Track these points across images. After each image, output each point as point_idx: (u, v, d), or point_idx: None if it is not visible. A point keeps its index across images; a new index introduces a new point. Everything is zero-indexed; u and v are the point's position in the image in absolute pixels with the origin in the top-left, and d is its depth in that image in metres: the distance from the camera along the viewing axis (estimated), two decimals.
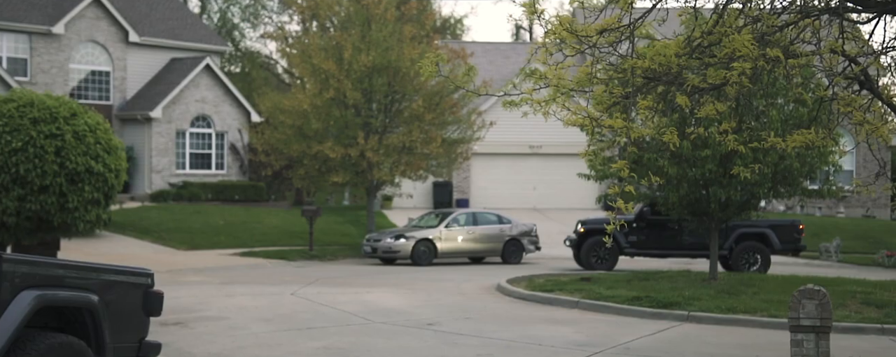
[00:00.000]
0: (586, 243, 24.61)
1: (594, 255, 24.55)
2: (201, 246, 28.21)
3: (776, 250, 24.55)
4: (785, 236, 24.64)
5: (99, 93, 36.53)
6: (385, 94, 29.43)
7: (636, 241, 24.49)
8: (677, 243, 24.13)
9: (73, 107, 14.87)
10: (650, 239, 24.41)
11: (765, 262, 24.12)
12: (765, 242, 24.38)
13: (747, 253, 24.10)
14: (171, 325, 13.80)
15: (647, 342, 13.38)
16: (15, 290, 7.06)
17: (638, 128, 8.47)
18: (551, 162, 41.55)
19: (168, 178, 36.57)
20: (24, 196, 14.16)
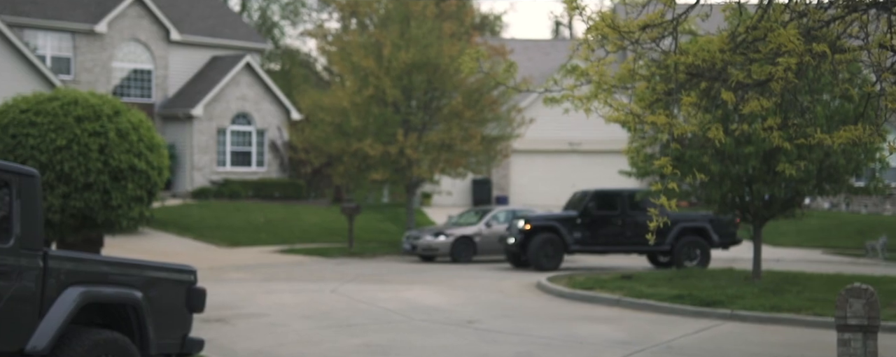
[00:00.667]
0: (536, 241, 23.49)
1: (544, 254, 23.52)
2: (242, 243, 28.41)
3: (714, 244, 24.28)
4: (721, 230, 24.33)
5: (141, 91, 36.89)
6: (424, 92, 29.45)
7: (581, 238, 23.84)
8: (621, 239, 23.90)
9: (116, 105, 15.01)
10: (594, 235, 23.91)
11: (705, 256, 23.97)
12: (704, 236, 24.16)
13: (688, 247, 23.94)
14: (212, 321, 13.90)
15: (689, 341, 13.25)
16: (60, 287, 7.14)
17: (681, 124, 8.37)
18: (591, 159, 41.33)
19: (209, 175, 36.85)
20: (68, 193, 14.32)
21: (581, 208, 24.07)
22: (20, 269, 6.89)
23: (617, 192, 24.69)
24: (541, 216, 24.50)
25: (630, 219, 23.93)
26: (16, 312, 6.84)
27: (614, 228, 23.97)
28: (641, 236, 23.25)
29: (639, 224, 23.63)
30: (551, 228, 23.61)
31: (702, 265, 23.61)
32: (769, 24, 7.78)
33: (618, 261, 25.90)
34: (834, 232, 33.47)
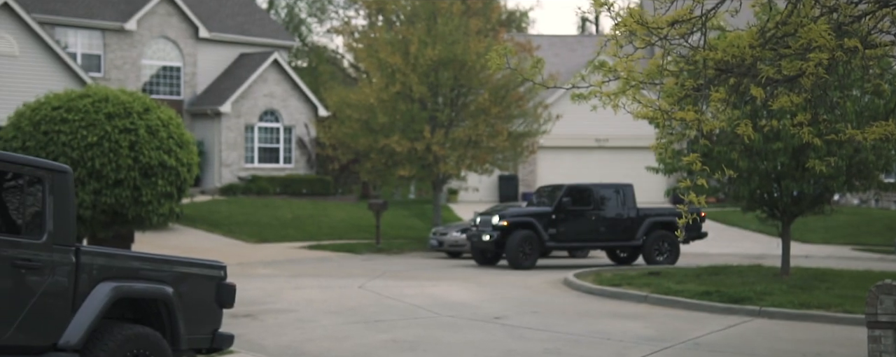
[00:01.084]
0: (514, 238, 22.52)
1: (521, 251, 22.53)
2: (270, 239, 28.56)
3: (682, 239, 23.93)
4: (689, 224, 24.01)
5: (170, 88, 37.14)
6: (451, 88, 29.46)
7: (556, 234, 22.98)
8: (596, 234, 23.29)
9: (146, 102, 15.13)
10: (569, 231, 23.08)
11: (675, 251, 23.63)
12: (673, 231, 23.46)
13: (658, 242, 23.54)
14: (241, 316, 13.99)
15: (717, 337, 13.19)
16: (93, 282, 7.22)
17: (710, 120, 8.34)
18: (618, 155, 41.21)
19: (237, 172, 37.06)
20: (99, 190, 14.45)
21: (555, 203, 23.15)
22: (53, 265, 6.97)
23: (589, 187, 23.97)
24: (517, 212, 23.49)
25: (603, 213, 23.35)
26: (49, 307, 6.92)
27: (588, 224, 23.21)
28: (615, 231, 23.06)
29: (611, 219, 23.31)
30: (528, 225, 22.73)
31: (671, 261, 23.28)
32: (799, 20, 7.74)
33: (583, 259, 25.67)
34: (863, 228, 33.18)
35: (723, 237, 31.26)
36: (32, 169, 7.05)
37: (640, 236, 23.45)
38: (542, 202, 23.77)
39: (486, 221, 23.18)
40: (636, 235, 23.44)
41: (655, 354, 11.98)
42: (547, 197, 23.90)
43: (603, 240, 23.56)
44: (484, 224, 23.29)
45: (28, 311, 6.79)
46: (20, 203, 7.01)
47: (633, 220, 23.52)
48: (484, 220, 23.48)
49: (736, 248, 28.89)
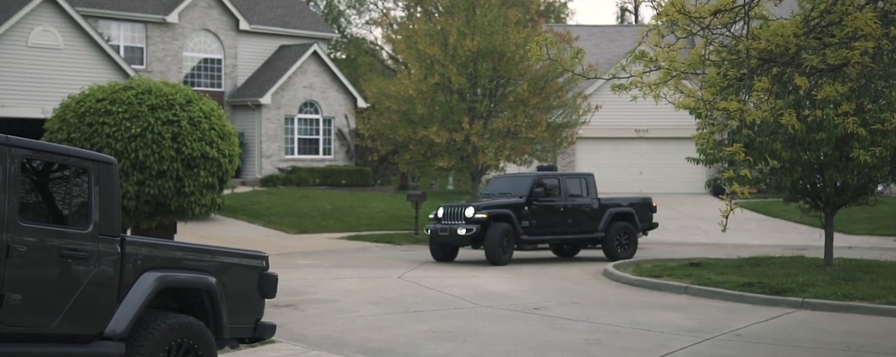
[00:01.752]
0: (496, 231, 20.81)
1: (501, 246, 20.92)
2: (310, 229, 28.73)
3: (638, 229, 22.89)
4: (643, 214, 23.09)
5: (211, 80, 37.44)
6: (490, 79, 29.44)
7: (528, 227, 21.51)
8: (564, 227, 22.04)
9: (188, 94, 15.25)
10: (541, 223, 21.69)
11: (633, 243, 22.65)
12: (631, 222, 22.80)
13: (619, 234, 22.48)
14: (282, 306, 14.10)
15: (759, 329, 13.10)
16: (137, 272, 7.31)
17: (752, 110, 8.27)
18: (657, 146, 40.96)
19: (277, 163, 37.30)
20: (142, 181, 14.60)
21: (527, 194, 21.59)
22: (99, 255, 7.07)
23: (557, 176, 22.71)
24: (492, 204, 21.41)
25: (571, 204, 22.14)
26: (95, 297, 7.02)
27: (558, 215, 21.94)
28: (581, 223, 22.14)
29: (578, 210, 22.19)
30: (506, 217, 21.11)
31: (629, 254, 22.36)
32: (844, 8, 7.64)
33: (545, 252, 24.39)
34: None
35: (764, 228, 30.98)
36: (78, 160, 7.15)
37: (603, 228, 22.33)
38: (502, 193, 22.14)
39: (455, 213, 21.23)
40: (598, 227, 22.33)
41: (697, 346, 11.92)
42: (509, 187, 22.30)
43: (571, 232, 22.25)
44: (452, 216, 21.26)
45: (75, 301, 6.89)
46: (66, 194, 7.11)
47: (596, 212, 22.45)
48: (450, 211, 21.44)
49: (777, 239, 28.63)
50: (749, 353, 11.61)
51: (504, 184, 22.85)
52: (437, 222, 21.45)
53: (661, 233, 29.15)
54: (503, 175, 24.07)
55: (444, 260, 21.58)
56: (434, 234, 21.45)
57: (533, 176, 22.32)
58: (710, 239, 28.39)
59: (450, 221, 21.20)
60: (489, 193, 22.69)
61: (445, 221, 21.26)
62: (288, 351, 11.26)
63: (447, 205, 22.00)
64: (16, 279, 6.53)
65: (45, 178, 7.06)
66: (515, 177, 23.40)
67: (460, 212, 21.12)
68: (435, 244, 21.72)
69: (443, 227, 21.20)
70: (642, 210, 23.30)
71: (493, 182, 23.48)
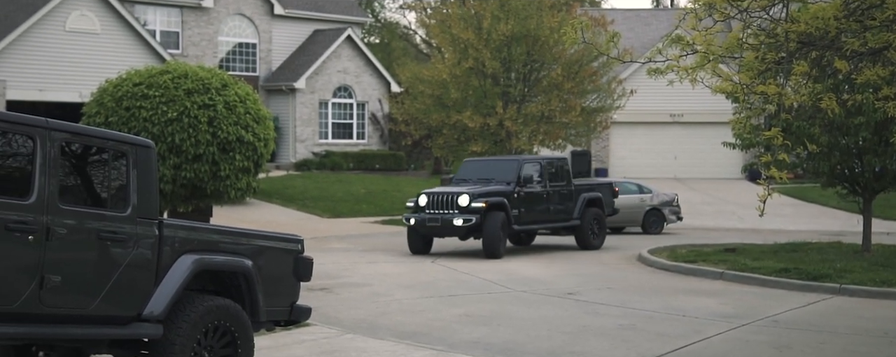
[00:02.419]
0: (495, 221, 19.04)
1: (498, 237, 19.17)
2: (344, 214, 28.85)
3: (606, 215, 21.83)
4: (607, 199, 21.99)
5: (245, 64, 37.62)
6: (524, 63, 29.33)
7: (518, 216, 19.88)
8: (548, 214, 20.67)
9: (224, 78, 15.34)
10: (529, 211, 20.15)
11: (603, 230, 21.60)
12: (600, 208, 21.64)
13: (592, 222, 21.24)
14: (317, 290, 14.18)
15: (796, 315, 13.00)
16: (175, 255, 7.37)
17: (791, 94, 8.17)
18: (693, 131, 40.68)
19: (311, 147, 37.45)
20: (179, 164, 14.72)
21: (515, 179, 19.87)
22: (137, 237, 7.13)
23: (540, 160, 21.09)
24: (486, 191, 19.35)
25: (552, 191, 20.70)
26: (133, 279, 7.09)
27: (542, 202, 20.46)
28: (560, 210, 20.71)
29: (559, 196, 20.79)
30: (502, 206, 19.31)
31: (600, 243, 21.38)
32: None
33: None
34: None
35: (801, 214, 30.71)
36: (116, 143, 7.21)
37: (578, 215, 21.03)
38: (481, 179, 20.14)
39: (444, 201, 19.11)
40: (574, 214, 21.02)
41: (732, 331, 11.85)
42: (488, 171, 20.39)
43: (552, 220, 20.79)
44: (440, 205, 19.14)
45: (113, 283, 6.96)
46: (105, 177, 7.17)
47: (572, 197, 21.13)
48: (437, 199, 19.23)
49: (815, 224, 28.36)
50: (785, 339, 11.53)
51: (479, 168, 20.86)
52: (421, 211, 19.24)
53: (696, 218, 29.00)
54: (477, 158, 22.37)
55: (422, 252, 19.50)
56: (419, 225, 19.12)
57: (517, 159, 20.68)
58: (746, 224, 28.19)
59: (438, 210, 19.04)
60: (465, 178, 20.42)
61: (432, 210, 19.11)
62: (323, 334, 11.33)
63: (431, 192, 19.56)
64: (56, 261, 6.61)
65: (84, 162, 7.12)
66: (494, 160, 21.65)
67: (451, 199, 18.93)
68: (416, 235, 19.45)
69: (432, 218, 18.99)
70: (607, 193, 22.21)
71: (467, 165, 21.30)
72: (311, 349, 10.56)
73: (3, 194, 6.43)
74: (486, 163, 21.36)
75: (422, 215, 19.11)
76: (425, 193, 19.47)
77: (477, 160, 21.95)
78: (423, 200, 19.28)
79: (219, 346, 7.57)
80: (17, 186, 6.53)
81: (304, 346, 10.66)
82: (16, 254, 6.42)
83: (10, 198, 6.44)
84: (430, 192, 19.50)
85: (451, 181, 20.15)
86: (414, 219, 19.17)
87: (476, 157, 22.17)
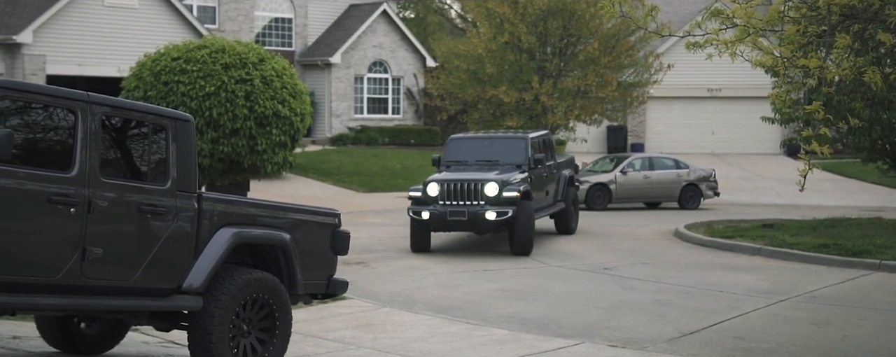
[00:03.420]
0: (528, 213, 16.00)
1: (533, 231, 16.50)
2: (379, 188, 28.93)
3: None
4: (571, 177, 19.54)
5: (281, 39, 37.69)
6: (560, 38, 29.15)
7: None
8: (546, 199, 18.18)
9: (260, 52, 15.38)
10: (537, 197, 17.27)
11: (577, 211, 19.71)
12: (574, 186, 19.63)
13: (571, 202, 19.15)
14: (353, 264, 14.26)
15: (834, 291, 12.90)
16: (213, 228, 7.43)
17: (832, 68, 8.06)
18: (731, 105, 40.28)
19: (347, 122, 37.54)
20: (217, 139, 14.81)
21: (526, 161, 16.99)
22: (176, 210, 7.20)
23: (540, 136, 18.46)
24: (509, 178, 16.23)
25: (550, 172, 18.33)
26: (172, 251, 7.16)
27: (544, 185, 17.88)
28: (551, 192, 18.36)
29: (552, 177, 18.45)
30: (528, 194, 16.43)
31: (576, 227, 19.38)
32: None
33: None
34: None
35: (840, 189, 30.38)
36: (156, 117, 7.27)
37: (562, 196, 18.87)
38: (481, 161, 17.06)
39: (466, 190, 15.83)
40: (559, 195, 18.85)
41: (770, 307, 11.79)
42: (488, 151, 17.33)
43: (549, 205, 18.36)
44: (460, 195, 15.84)
45: (153, 255, 7.04)
46: (145, 150, 7.24)
47: (554, 177, 18.64)
48: (455, 188, 15.88)
49: (854, 200, 28.05)
50: (824, 314, 11.45)
51: (474, 147, 17.52)
52: (432, 203, 15.83)
53: (734, 193, 28.79)
54: (467, 136, 18.50)
55: (424, 250, 16.16)
56: (437, 220, 15.77)
57: (524, 138, 17.51)
58: (784, 200, 27.94)
59: (458, 202, 15.77)
60: (459, 161, 17.16)
61: (450, 202, 15.76)
62: (359, 307, 11.40)
63: (443, 179, 16.06)
64: (97, 233, 6.69)
65: (124, 135, 7.19)
66: (491, 138, 18.05)
67: (474, 188, 15.75)
68: (424, 231, 15.99)
69: (456, 211, 15.70)
70: (575, 171, 20.32)
71: (455, 145, 17.64)
72: (348, 322, 10.64)
73: (45, 167, 6.52)
74: (482, 142, 17.69)
75: (439, 208, 15.69)
76: (436, 181, 15.93)
77: (467, 138, 18.16)
78: (433, 190, 15.85)
79: (257, 318, 7.64)
80: (58, 159, 6.62)
81: (340, 319, 10.74)
82: (58, 226, 6.51)
83: (52, 171, 6.52)
84: (444, 180, 15.94)
85: (438, 164, 17.21)
86: (428, 212, 15.69)
87: (464, 135, 18.48)
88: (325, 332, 10.13)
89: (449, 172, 16.55)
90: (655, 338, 10.28)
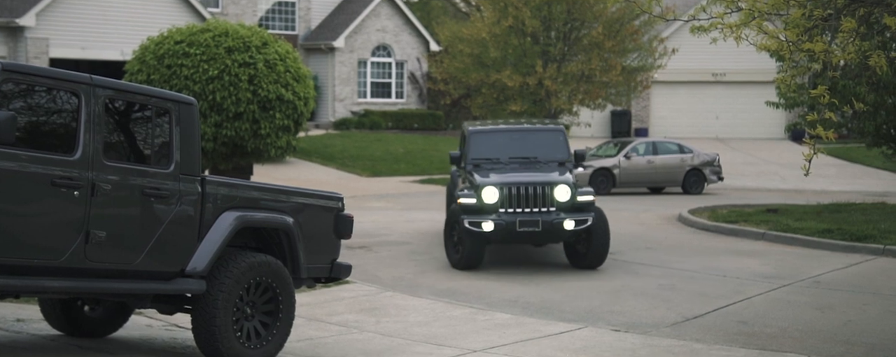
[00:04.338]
0: (605, 221, 13.54)
1: None
2: (382, 173, 28.94)
3: None
4: None
5: (285, 23, 37.61)
6: (564, 22, 29.07)
7: None
8: None
9: (264, 36, 15.33)
10: None
11: None
12: None
13: None
14: (356, 248, 14.27)
15: (838, 276, 12.89)
16: (217, 212, 7.43)
17: (838, 52, 8.02)
18: (735, 90, 40.19)
19: (350, 106, 37.50)
20: (220, 123, 14.79)
21: (570, 157, 14.69)
22: (180, 194, 7.20)
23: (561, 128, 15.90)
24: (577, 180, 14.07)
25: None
26: (176, 235, 7.16)
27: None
28: None
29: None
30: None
31: None
32: None
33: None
34: None
35: (845, 174, 30.34)
36: (160, 100, 7.25)
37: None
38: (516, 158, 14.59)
39: (533, 196, 13.29)
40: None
41: (774, 292, 11.79)
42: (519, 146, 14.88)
43: None
44: (524, 201, 13.28)
45: (157, 238, 7.04)
46: (148, 134, 7.23)
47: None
48: (517, 192, 13.30)
49: (858, 185, 28.01)
50: (827, 299, 11.44)
51: (504, 142, 14.95)
52: (491, 211, 13.19)
53: (738, 178, 28.76)
54: (491, 128, 15.56)
55: (474, 267, 13.32)
56: (504, 231, 13.11)
57: (560, 129, 15.31)
58: (788, 185, 27.91)
59: (526, 209, 13.23)
60: (490, 158, 14.55)
61: (514, 209, 13.23)
62: (362, 291, 11.42)
63: (502, 183, 13.37)
64: (100, 216, 6.69)
65: (128, 118, 7.18)
66: (523, 131, 15.38)
67: (542, 192, 13.28)
68: (478, 243, 13.18)
69: (529, 220, 13.11)
70: None
71: (481, 139, 14.98)
72: (351, 306, 10.65)
73: (49, 150, 6.51)
74: (511, 136, 15.17)
75: (504, 217, 13.12)
76: (493, 185, 13.30)
77: (494, 131, 15.35)
78: (491, 195, 13.22)
79: (261, 301, 7.65)
80: (62, 142, 6.61)
81: (344, 303, 10.76)
82: (62, 209, 6.51)
83: (55, 153, 6.52)
84: (502, 184, 13.35)
85: (459, 161, 14.87)
86: (491, 223, 13.02)
87: (489, 127, 15.57)
88: (329, 315, 10.15)
89: (499, 174, 13.70)
90: (658, 322, 10.28)
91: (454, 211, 13.41)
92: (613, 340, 9.41)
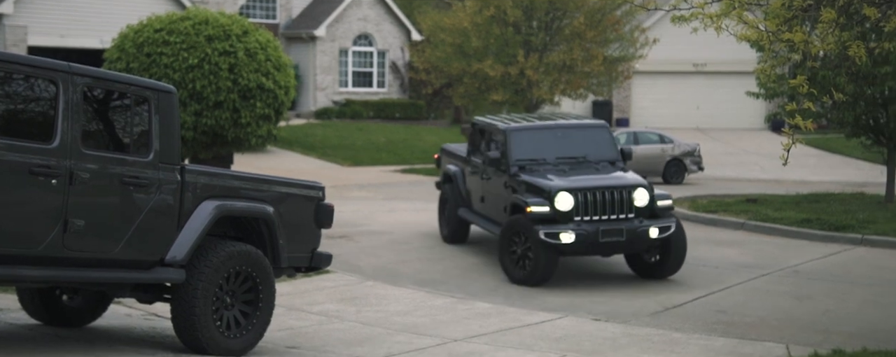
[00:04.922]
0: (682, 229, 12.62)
1: None
2: (364, 162, 28.90)
3: None
4: None
5: (266, 12, 37.45)
6: (546, 12, 29.07)
7: None
8: None
9: (244, 24, 15.24)
10: None
11: None
12: None
13: None
14: (337, 238, 14.25)
15: (817, 265, 12.97)
16: (196, 201, 7.40)
17: (817, 42, 8.05)
18: (716, 80, 40.32)
19: (331, 96, 37.40)
20: (200, 111, 14.71)
21: (619, 156, 13.61)
22: (159, 183, 7.16)
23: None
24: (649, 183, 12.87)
25: None
26: (155, 224, 7.13)
27: None
28: None
29: None
30: None
31: None
32: None
33: None
34: None
35: (824, 164, 30.52)
36: (139, 89, 7.21)
37: None
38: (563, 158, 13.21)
39: (610, 201, 12.15)
40: None
41: (753, 281, 11.86)
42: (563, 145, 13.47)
43: None
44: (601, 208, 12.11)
45: (136, 227, 7.01)
46: (127, 122, 7.18)
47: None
48: (594, 198, 12.11)
49: (837, 175, 28.19)
50: (806, 288, 11.52)
51: (549, 140, 13.53)
52: (570, 221, 11.93)
53: (718, 168, 28.87)
54: (533, 125, 13.95)
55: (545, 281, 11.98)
56: (586, 242, 11.89)
57: (604, 125, 14.24)
58: (768, 175, 28.05)
59: (604, 216, 12.03)
60: (533, 158, 13.16)
61: (595, 217, 12.01)
62: (343, 281, 11.41)
63: (575, 188, 12.12)
64: (79, 205, 6.65)
65: (107, 107, 7.13)
66: (567, 128, 13.89)
67: (621, 197, 12.13)
68: (553, 255, 11.86)
69: (610, 230, 11.94)
70: None
71: (523, 138, 13.43)
72: (332, 295, 10.64)
73: (27, 138, 6.46)
74: (554, 133, 13.69)
75: (585, 227, 11.90)
76: (567, 191, 12.04)
77: (536, 128, 13.79)
78: (565, 202, 12.00)
79: (241, 291, 7.64)
80: (40, 131, 6.56)
81: (324, 293, 10.75)
82: (39, 197, 6.47)
83: (33, 142, 6.47)
84: (576, 189, 12.09)
85: (499, 163, 13.29)
86: (572, 234, 11.78)
87: (530, 124, 13.94)
88: (309, 305, 10.14)
89: (563, 178, 12.44)
90: (638, 311, 10.32)
91: (519, 221, 11.97)
92: (594, 329, 9.45)
